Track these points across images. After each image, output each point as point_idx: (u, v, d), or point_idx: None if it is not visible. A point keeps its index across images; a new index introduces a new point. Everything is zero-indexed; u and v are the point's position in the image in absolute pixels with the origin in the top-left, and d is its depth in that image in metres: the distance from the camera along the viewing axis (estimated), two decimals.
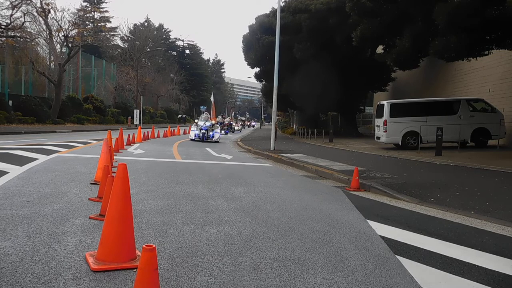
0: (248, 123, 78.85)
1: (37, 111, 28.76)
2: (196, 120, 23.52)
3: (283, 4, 26.76)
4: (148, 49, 59.94)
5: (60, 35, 32.34)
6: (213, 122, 23.18)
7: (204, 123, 21.87)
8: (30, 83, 34.28)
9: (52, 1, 32.17)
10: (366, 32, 16.97)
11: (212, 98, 36.43)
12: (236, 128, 45.51)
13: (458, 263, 3.52)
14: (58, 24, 31.70)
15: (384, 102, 16.83)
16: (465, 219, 5.27)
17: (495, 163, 10.55)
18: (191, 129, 22.60)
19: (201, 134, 21.42)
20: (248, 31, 30.68)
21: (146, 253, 2.28)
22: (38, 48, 34.63)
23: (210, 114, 26.01)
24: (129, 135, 16.87)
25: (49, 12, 30.07)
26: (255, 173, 9.51)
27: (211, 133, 21.76)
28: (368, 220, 4.96)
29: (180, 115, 66.66)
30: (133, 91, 46.52)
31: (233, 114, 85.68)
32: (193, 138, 21.63)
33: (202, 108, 41.70)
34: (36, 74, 32.18)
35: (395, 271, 3.28)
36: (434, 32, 13.37)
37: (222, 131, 28.65)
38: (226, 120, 34.94)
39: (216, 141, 21.49)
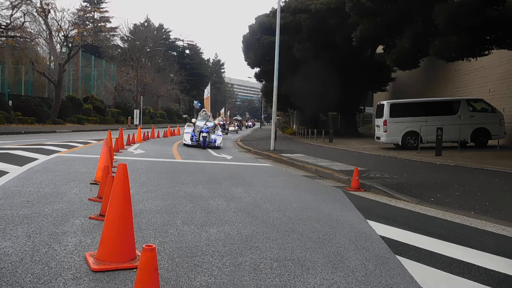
0: (246, 123, 70.63)
1: (37, 111, 28.78)
2: (193, 120, 18.82)
3: (283, 4, 26.76)
4: (148, 49, 59.97)
5: (60, 35, 32.40)
6: (215, 122, 18.69)
7: (205, 124, 17.19)
8: (30, 83, 34.30)
9: (52, 1, 32.28)
10: (366, 32, 16.97)
11: (207, 91, 28.71)
12: (231, 128, 39.75)
13: (458, 263, 3.52)
14: (58, 24, 31.76)
15: (384, 102, 16.83)
16: (465, 219, 5.27)
17: (495, 163, 10.55)
18: (186, 131, 17.83)
19: (201, 139, 16.73)
20: (248, 31, 30.68)
21: (146, 253, 2.28)
22: (38, 48, 34.76)
23: (208, 112, 20.84)
24: (129, 135, 16.87)
25: (49, 12, 30.11)
26: (255, 173, 9.51)
27: (213, 137, 17.15)
28: (368, 220, 4.95)
29: (186, 116, 66.60)
30: (133, 91, 46.53)
31: (225, 111, 65.44)
32: (189, 143, 17.07)
33: (196, 103, 34.26)
34: (36, 74, 32.22)
35: (395, 271, 3.28)
36: (434, 32, 13.37)
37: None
38: (218, 120, 24.87)
39: (218, 147, 17.11)
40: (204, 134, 16.74)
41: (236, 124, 45.39)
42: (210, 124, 17.46)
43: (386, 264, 3.41)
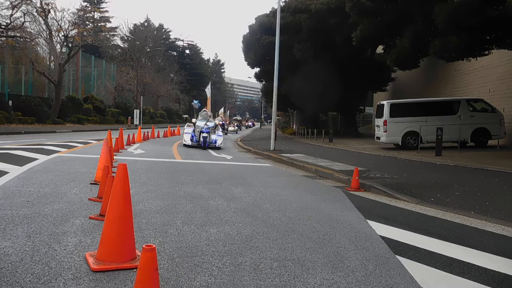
0: (246, 123, 68.81)
1: (37, 111, 28.78)
2: (193, 120, 18.36)
3: (283, 4, 26.76)
4: (148, 49, 59.96)
5: (60, 35, 32.41)
6: (216, 122, 18.20)
7: (205, 124, 16.80)
8: (30, 83, 34.30)
9: (52, 1, 32.31)
10: (366, 32, 16.97)
11: (207, 91, 27.48)
12: (230, 128, 39.06)
13: (458, 263, 3.52)
14: (58, 24, 31.77)
15: (384, 102, 16.83)
16: (465, 219, 5.27)
17: (495, 163, 10.55)
18: (186, 131, 17.49)
19: (201, 139, 16.35)
20: (248, 31, 30.69)
21: (146, 253, 2.28)
22: (38, 48, 34.76)
23: (208, 111, 20.13)
24: (129, 135, 16.87)
25: (49, 12, 30.12)
26: (255, 173, 9.51)
27: (213, 137, 16.84)
28: (368, 220, 4.95)
29: (186, 116, 66.53)
30: (133, 91, 46.53)
31: (224, 111, 62.63)
32: (189, 143, 16.76)
33: (196, 103, 32.77)
34: (36, 74, 32.23)
35: (395, 271, 3.28)
36: (434, 32, 13.37)
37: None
38: (217, 120, 23.05)
39: (219, 147, 16.80)
40: (205, 135, 16.33)
41: (235, 124, 44.81)
42: (210, 124, 17.01)
43: (386, 264, 3.41)
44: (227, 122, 41.04)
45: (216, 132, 17.20)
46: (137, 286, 2.29)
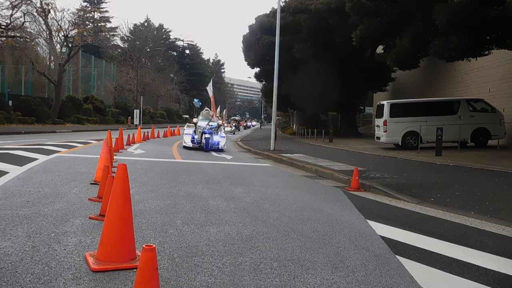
0: (245, 124, 64.90)
1: (37, 111, 28.79)
2: (194, 120, 17.24)
3: (283, 4, 26.77)
4: (148, 49, 59.97)
5: (60, 35, 32.42)
6: (219, 121, 17.11)
7: (208, 124, 15.41)
8: (30, 83, 34.32)
9: (52, 1, 32.26)
10: (366, 32, 16.98)
11: (209, 89, 24.87)
12: (227, 129, 36.04)
13: (458, 263, 3.52)
14: (58, 24, 31.79)
15: (384, 102, 16.82)
16: (465, 219, 5.27)
17: (495, 163, 10.54)
18: (186, 132, 16.37)
19: (203, 140, 15.07)
20: (248, 31, 30.70)
21: (146, 253, 2.28)
22: (38, 48, 34.77)
23: (210, 110, 18.59)
24: (129, 135, 16.86)
25: (49, 12, 30.14)
26: (255, 173, 9.51)
27: (216, 139, 15.52)
28: (368, 220, 4.95)
29: (187, 116, 66.61)
30: (133, 91, 46.52)
31: (221, 110, 51.79)
32: (190, 145, 15.68)
33: (197, 101, 31.08)
34: (36, 74, 32.25)
35: (395, 271, 3.28)
36: (434, 32, 13.38)
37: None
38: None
39: (222, 149, 15.65)
40: (207, 136, 14.99)
41: (233, 124, 42.83)
42: (213, 124, 15.63)
43: (386, 264, 3.41)
44: (223, 122, 39.49)
45: (219, 133, 15.96)
46: (137, 286, 2.29)
